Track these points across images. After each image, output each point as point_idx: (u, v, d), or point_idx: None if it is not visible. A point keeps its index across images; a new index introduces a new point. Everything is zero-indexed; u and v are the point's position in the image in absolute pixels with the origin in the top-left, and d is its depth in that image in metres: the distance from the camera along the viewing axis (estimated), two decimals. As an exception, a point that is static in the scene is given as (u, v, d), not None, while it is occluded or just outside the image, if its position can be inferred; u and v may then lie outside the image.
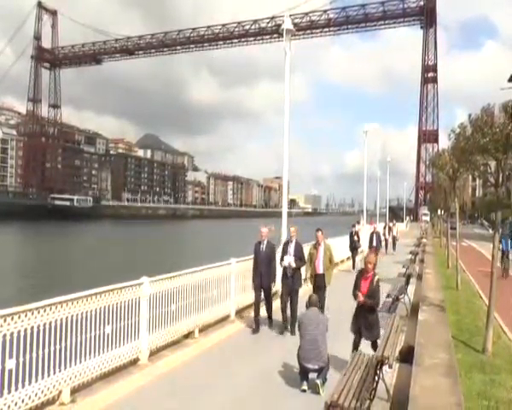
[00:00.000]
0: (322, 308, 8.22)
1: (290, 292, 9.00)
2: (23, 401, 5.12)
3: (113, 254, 38.02)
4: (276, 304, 9.68)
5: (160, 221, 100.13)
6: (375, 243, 21.26)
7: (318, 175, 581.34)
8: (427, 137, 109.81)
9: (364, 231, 26.21)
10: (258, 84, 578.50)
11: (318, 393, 5.86)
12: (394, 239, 28.87)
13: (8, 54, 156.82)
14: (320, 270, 9.56)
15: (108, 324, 6.26)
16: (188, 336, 8.19)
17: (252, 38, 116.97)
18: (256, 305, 9.18)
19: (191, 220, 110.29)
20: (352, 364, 5.57)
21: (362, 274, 6.92)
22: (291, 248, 9.15)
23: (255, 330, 9.01)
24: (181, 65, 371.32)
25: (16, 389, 5.04)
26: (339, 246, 20.09)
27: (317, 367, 6.02)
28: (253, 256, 9.54)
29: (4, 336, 4.90)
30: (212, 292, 8.96)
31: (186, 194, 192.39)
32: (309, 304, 6.46)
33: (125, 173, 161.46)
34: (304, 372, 6.12)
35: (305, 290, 9.64)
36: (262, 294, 9.25)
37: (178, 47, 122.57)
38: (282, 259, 9.18)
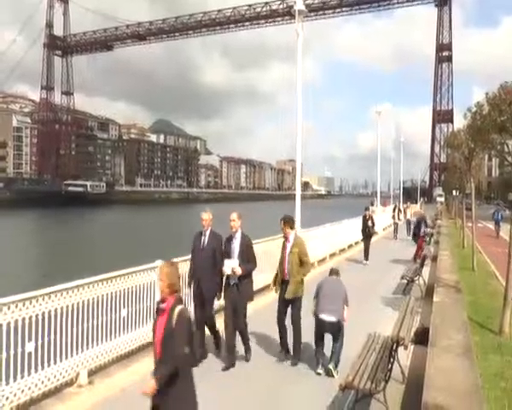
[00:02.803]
0: (295, 332, 6.49)
1: (235, 307, 6.33)
2: (42, 382, 5.24)
3: (127, 238, 38.37)
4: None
5: (173, 205, 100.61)
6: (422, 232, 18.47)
7: (331, 157, 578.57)
8: (442, 116, 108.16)
9: (378, 213, 25.93)
10: (270, 66, 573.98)
11: (332, 376, 5.87)
12: (409, 222, 26.23)
13: (21, 43, 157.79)
14: (287, 275, 6.69)
15: (124, 307, 6.34)
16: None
17: (263, 21, 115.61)
18: (196, 322, 6.51)
19: (204, 204, 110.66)
20: (366, 345, 5.57)
21: None
22: (234, 245, 6.40)
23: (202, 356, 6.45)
24: (192, 49, 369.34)
25: (36, 370, 5.15)
26: (346, 228, 20.01)
27: (333, 319, 6.03)
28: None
29: (23, 319, 5.00)
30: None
31: (199, 178, 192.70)
32: (330, 273, 6.75)
33: (138, 158, 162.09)
34: (319, 332, 6.19)
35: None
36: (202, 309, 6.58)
37: (190, 31, 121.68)
38: (222, 260, 6.45)
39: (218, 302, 6.93)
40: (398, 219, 26.56)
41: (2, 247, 31.89)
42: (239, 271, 6.22)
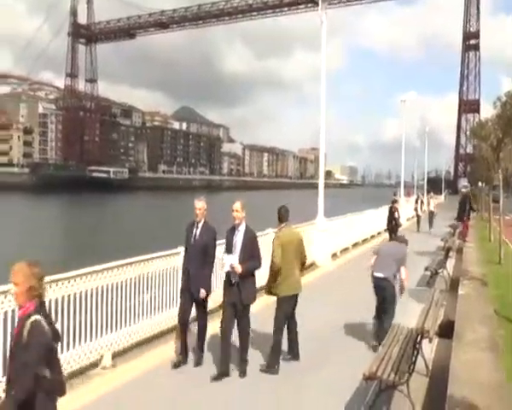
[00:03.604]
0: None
1: (236, 308, 5.60)
2: (68, 362, 5.35)
3: (150, 224, 38.80)
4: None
5: (195, 192, 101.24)
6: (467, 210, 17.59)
7: (354, 145, 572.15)
8: (468, 106, 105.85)
9: (402, 204, 25.52)
10: (293, 53, 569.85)
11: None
12: (431, 215, 24.65)
13: (46, 31, 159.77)
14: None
15: (147, 292, 6.41)
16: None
17: (286, 8, 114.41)
18: (182, 324, 5.93)
19: (226, 192, 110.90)
20: (390, 336, 5.51)
21: None
22: (237, 239, 5.66)
23: (177, 365, 5.80)
24: (215, 37, 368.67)
25: (62, 351, 5.26)
26: (370, 219, 19.80)
27: (379, 275, 6.63)
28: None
29: (50, 301, 5.09)
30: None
31: (221, 165, 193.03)
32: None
33: (161, 145, 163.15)
34: (376, 296, 6.76)
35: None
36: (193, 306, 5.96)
37: (212, 19, 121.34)
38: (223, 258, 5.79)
39: (211, 303, 6.41)
40: (421, 210, 25.52)
41: (31, 231, 32.61)
42: (239, 269, 5.45)
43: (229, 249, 5.70)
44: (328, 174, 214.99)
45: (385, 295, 6.62)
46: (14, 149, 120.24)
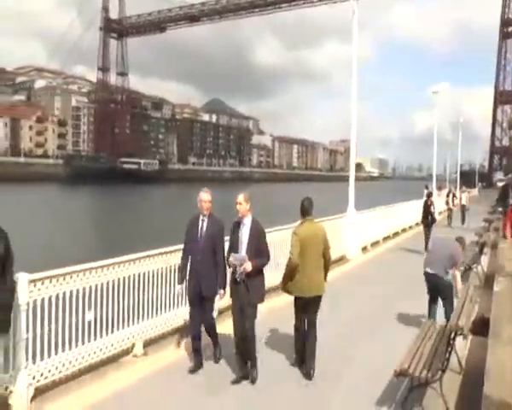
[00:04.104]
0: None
1: (243, 308, 5.19)
2: (101, 349, 5.46)
3: (180, 214, 39.06)
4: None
5: (225, 184, 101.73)
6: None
7: (384, 138, 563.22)
8: (505, 97, 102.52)
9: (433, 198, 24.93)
10: (323, 45, 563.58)
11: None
12: (463, 209, 23.92)
13: (78, 26, 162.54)
14: None
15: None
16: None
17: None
18: (193, 327, 5.57)
19: (256, 184, 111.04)
20: (422, 332, 5.40)
21: None
22: (243, 233, 5.24)
23: (194, 369, 5.48)
24: (245, 29, 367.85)
25: (95, 338, 5.38)
26: (401, 212, 19.46)
27: (429, 271, 6.79)
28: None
29: (84, 289, 5.21)
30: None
31: (251, 157, 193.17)
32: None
33: (190, 138, 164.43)
34: (428, 289, 6.91)
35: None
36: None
37: (242, 11, 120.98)
38: (228, 253, 5.32)
39: (221, 302, 5.93)
40: (453, 204, 24.65)
41: (64, 220, 33.45)
42: (249, 267, 5.03)
43: (233, 246, 5.26)
44: (359, 167, 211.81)
45: (437, 289, 6.76)
46: (48, 141, 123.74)
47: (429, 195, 15.44)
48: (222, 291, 5.41)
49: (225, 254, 5.41)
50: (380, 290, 9.61)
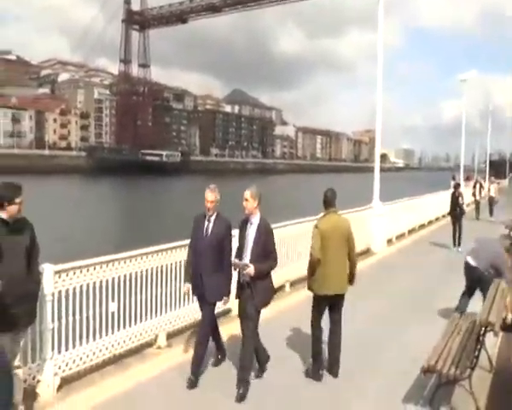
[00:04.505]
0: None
1: (247, 313, 4.87)
2: (124, 341, 5.50)
3: (202, 206, 39.17)
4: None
5: (248, 176, 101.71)
6: None
7: (410, 127, 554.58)
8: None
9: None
10: (348, 33, 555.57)
11: None
12: (491, 201, 22.83)
13: (101, 19, 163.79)
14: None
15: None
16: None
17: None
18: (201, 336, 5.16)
19: (280, 175, 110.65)
20: (450, 327, 5.25)
21: None
22: (249, 233, 4.92)
23: (191, 383, 4.92)
24: (267, 18, 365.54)
25: (119, 330, 5.40)
26: (427, 203, 19.06)
27: (471, 262, 6.91)
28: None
29: (107, 280, 5.23)
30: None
31: (274, 148, 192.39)
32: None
33: (213, 129, 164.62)
34: (466, 279, 7.04)
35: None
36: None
37: (264, 1, 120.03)
38: (237, 253, 5.06)
39: (224, 306, 5.62)
40: (480, 196, 23.75)
41: (89, 212, 33.96)
42: (251, 271, 4.71)
43: (240, 245, 5.00)
44: (384, 157, 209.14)
45: (479, 281, 6.80)
46: (72, 134, 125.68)
47: (456, 186, 14.98)
48: (225, 298, 5.10)
49: (234, 253, 5.13)
50: (407, 283, 9.44)
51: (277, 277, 6.69)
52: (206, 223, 5.08)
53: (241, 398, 4.65)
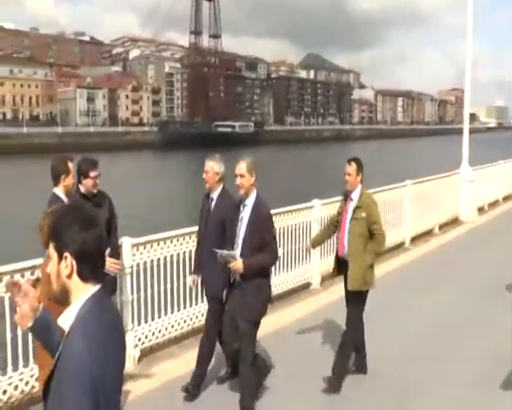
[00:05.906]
0: (344, 350, 4.32)
1: (235, 320, 3.86)
2: (203, 314, 5.27)
3: (279, 178, 39.00)
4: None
5: (324, 144, 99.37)
6: None
7: (504, 82, 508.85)
8: None
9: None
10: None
11: None
12: None
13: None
14: (344, 251, 4.35)
15: (280, 246, 6.17)
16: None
17: None
18: (221, 342, 4.38)
19: (358, 142, 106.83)
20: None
21: None
22: (243, 216, 3.87)
23: (190, 395, 4.11)
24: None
25: (196, 303, 5.32)
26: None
27: None
28: None
29: (184, 253, 5.16)
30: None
31: (352, 114, 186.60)
32: None
33: (287, 97, 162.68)
34: None
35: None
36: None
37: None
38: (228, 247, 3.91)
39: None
40: None
41: (163, 186, 34.86)
42: (239, 267, 3.68)
43: (233, 233, 3.89)
44: (472, 117, 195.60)
45: None
46: (143, 109, 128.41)
47: None
48: (225, 292, 4.03)
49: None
50: (497, 259, 8.29)
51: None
52: (209, 203, 4.25)
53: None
